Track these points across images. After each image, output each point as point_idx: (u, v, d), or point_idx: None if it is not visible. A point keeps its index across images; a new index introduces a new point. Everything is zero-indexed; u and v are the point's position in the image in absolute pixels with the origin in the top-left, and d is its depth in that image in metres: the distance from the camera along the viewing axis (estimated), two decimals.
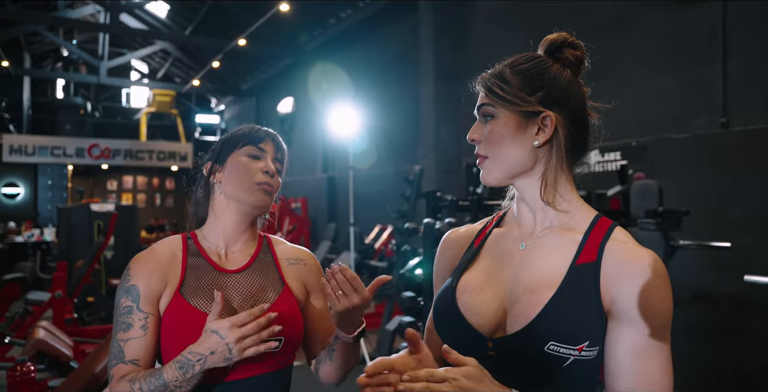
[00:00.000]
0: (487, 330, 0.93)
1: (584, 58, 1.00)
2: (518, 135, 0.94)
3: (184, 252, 1.19)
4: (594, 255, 0.90)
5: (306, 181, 10.44)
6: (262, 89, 13.13)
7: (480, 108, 0.99)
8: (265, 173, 1.20)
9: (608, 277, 0.88)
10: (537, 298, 0.89)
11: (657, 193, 3.32)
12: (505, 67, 0.98)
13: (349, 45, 8.97)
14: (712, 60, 3.96)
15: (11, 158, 11.89)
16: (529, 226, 0.99)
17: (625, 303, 0.85)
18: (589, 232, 0.93)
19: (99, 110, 15.88)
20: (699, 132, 4.02)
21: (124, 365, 1.08)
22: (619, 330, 0.86)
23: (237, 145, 1.22)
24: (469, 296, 0.97)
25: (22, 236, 9.85)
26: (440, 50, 6.40)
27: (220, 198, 1.22)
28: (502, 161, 0.96)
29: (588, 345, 0.85)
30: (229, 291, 1.16)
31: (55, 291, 4.48)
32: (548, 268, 0.92)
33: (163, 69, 15.77)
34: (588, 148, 1.00)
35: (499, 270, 0.98)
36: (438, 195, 2.81)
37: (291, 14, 8.12)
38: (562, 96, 0.95)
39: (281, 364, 1.18)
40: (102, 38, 12.86)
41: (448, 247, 1.11)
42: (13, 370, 2.74)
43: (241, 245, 1.24)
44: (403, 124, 7.44)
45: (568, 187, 0.97)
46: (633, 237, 0.93)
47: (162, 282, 1.14)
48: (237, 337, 0.99)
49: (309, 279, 1.28)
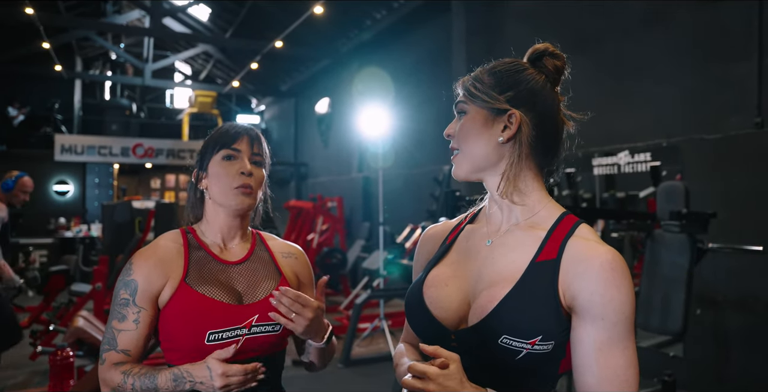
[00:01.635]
0: (450, 323, 0.98)
1: (563, 69, 1.04)
2: (485, 130, 0.99)
3: (185, 246, 1.27)
4: (555, 252, 0.93)
5: (342, 180, 10.55)
6: (301, 90, 13.33)
7: (456, 105, 1.05)
8: (241, 174, 1.26)
9: (567, 274, 0.90)
10: (495, 293, 0.93)
11: (683, 195, 3.26)
12: (484, 70, 1.05)
13: (384, 46, 9.04)
14: (747, 57, 3.86)
15: (62, 157, 12.41)
16: (496, 223, 1.03)
17: (585, 300, 0.88)
18: (552, 230, 0.96)
19: (144, 111, 16.39)
20: (732, 132, 3.93)
21: (116, 353, 1.17)
22: (582, 328, 0.88)
23: (213, 150, 1.28)
24: (435, 290, 1.01)
25: (71, 231, 10.28)
26: (472, 50, 6.40)
27: (210, 203, 1.30)
28: (470, 155, 1.01)
29: (541, 340, 0.88)
30: (233, 279, 1.25)
31: (95, 283, 4.70)
32: (509, 264, 0.96)
33: (205, 70, 16.18)
34: (558, 151, 1.03)
35: (465, 265, 1.03)
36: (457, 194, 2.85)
37: (327, 16, 8.24)
38: (530, 97, 0.99)
39: (277, 347, 1.27)
40: (147, 42, 13.30)
41: (426, 243, 1.17)
42: (54, 355, 2.92)
43: (238, 240, 1.32)
44: (434, 124, 7.46)
45: (532, 185, 1.00)
46: (598, 235, 0.96)
47: (163, 276, 1.20)
48: (222, 384, 1.08)
49: (300, 271, 1.38)
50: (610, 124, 4.65)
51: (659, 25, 4.52)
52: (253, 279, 1.27)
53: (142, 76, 13.11)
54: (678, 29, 4.37)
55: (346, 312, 6.41)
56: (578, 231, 0.95)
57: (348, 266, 7.65)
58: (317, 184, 12.07)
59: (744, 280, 3.77)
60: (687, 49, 4.29)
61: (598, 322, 0.87)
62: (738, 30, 3.93)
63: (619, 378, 0.86)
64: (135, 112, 15.74)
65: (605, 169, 4.89)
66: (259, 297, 1.24)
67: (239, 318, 1.19)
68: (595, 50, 4.98)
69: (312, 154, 12.85)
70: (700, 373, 3.94)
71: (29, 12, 8.02)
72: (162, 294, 1.20)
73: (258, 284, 1.26)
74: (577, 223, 0.96)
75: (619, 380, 0.86)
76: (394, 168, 8.25)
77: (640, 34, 4.69)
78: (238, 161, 1.26)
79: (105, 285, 4.73)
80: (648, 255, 3.33)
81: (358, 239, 8.55)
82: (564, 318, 0.90)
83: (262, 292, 1.25)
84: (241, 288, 1.24)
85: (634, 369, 0.87)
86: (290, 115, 14.13)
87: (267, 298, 1.22)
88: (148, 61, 13.22)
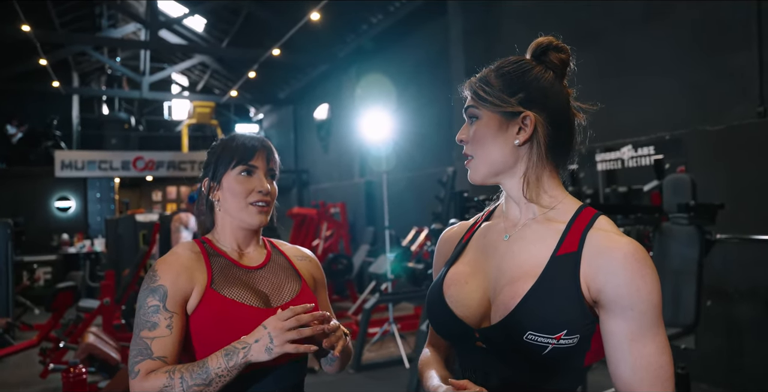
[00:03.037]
0: (472, 321, 0.98)
1: (569, 61, 1.03)
2: (500, 134, 0.99)
3: (204, 254, 1.26)
4: (575, 245, 0.93)
5: (344, 186, 10.55)
6: (299, 97, 13.34)
7: (466, 110, 1.04)
8: (258, 192, 1.26)
9: (590, 267, 0.90)
10: (517, 289, 0.93)
11: (690, 187, 3.26)
12: (490, 71, 1.04)
13: (382, 50, 9.05)
14: (747, 47, 3.85)
15: (63, 173, 12.40)
16: (514, 218, 1.03)
17: (612, 292, 0.88)
18: (571, 222, 0.96)
19: (142, 124, 16.42)
20: (735, 122, 3.92)
21: (152, 361, 1.12)
22: (612, 320, 0.89)
23: (229, 164, 1.27)
24: (455, 289, 1.01)
25: (75, 247, 10.27)
26: (470, 51, 6.40)
27: (222, 214, 1.30)
28: (486, 160, 1.00)
29: (566, 334, 0.88)
30: (258, 283, 1.26)
31: (103, 298, 4.68)
32: (530, 259, 0.95)
33: (203, 81, 16.21)
34: (572, 146, 1.03)
35: (483, 262, 1.03)
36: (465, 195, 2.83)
37: (323, 22, 8.25)
38: (542, 97, 0.98)
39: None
40: (143, 54, 13.32)
41: (444, 245, 1.17)
42: (67, 372, 2.90)
43: (254, 247, 1.33)
44: (436, 126, 7.47)
45: (551, 184, 1.00)
46: (617, 227, 0.95)
47: (190, 282, 1.19)
48: (278, 327, 1.07)
49: (315, 273, 1.39)
50: (612, 119, 4.65)
51: (658, 18, 4.52)
52: (277, 282, 1.28)
53: (139, 89, 13.14)
54: (677, 22, 4.36)
55: (354, 318, 6.38)
56: (597, 223, 0.95)
57: (354, 271, 7.63)
58: (319, 190, 12.07)
59: (753, 271, 3.76)
60: (687, 42, 4.29)
61: (627, 313, 0.87)
62: (737, 20, 3.93)
63: (653, 365, 0.87)
64: (134, 125, 15.76)
65: (609, 165, 4.88)
66: (285, 299, 1.25)
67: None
68: (594, 46, 4.98)
69: (312, 160, 12.86)
70: (713, 365, 3.92)
71: (26, 29, 8.04)
72: (190, 301, 1.19)
73: (282, 287, 1.28)
74: (596, 215, 0.96)
75: (653, 367, 0.86)
76: (397, 171, 8.24)
77: (639, 28, 4.69)
78: (255, 178, 1.27)
79: (113, 300, 4.72)
80: (656, 248, 3.32)
81: (362, 244, 8.54)
82: (587, 311, 0.90)
83: (288, 294, 1.26)
84: (267, 292, 1.25)
85: (668, 355, 0.88)
86: (289, 123, 14.14)
87: (291, 301, 1.23)
88: (145, 73, 13.25)
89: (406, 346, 5.18)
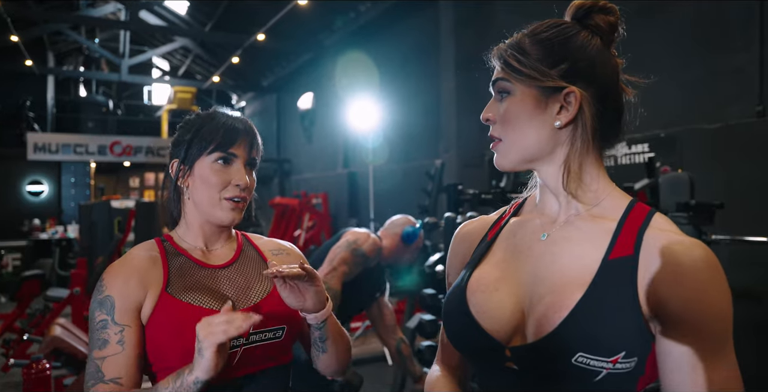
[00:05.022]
0: (503, 336, 0.81)
1: (618, 25, 0.87)
2: (537, 114, 0.82)
3: (162, 255, 1.10)
4: (630, 247, 0.76)
5: (327, 176, 10.37)
6: (283, 85, 13.08)
7: (495, 83, 0.86)
8: (236, 186, 1.09)
9: (650, 274, 0.74)
10: (562, 300, 0.76)
11: (688, 186, 3.17)
12: (524, 37, 0.86)
13: (369, 38, 8.86)
14: (747, 45, 3.77)
15: (35, 156, 12.03)
16: (552, 213, 0.86)
17: (677, 308, 0.72)
18: (623, 220, 0.79)
19: (121, 108, 16.02)
20: (732, 121, 3.85)
21: (104, 384, 0.97)
22: (674, 340, 0.73)
23: (205, 148, 1.09)
24: (482, 295, 0.84)
25: (47, 233, 9.96)
26: (461, 40, 6.25)
27: (190, 204, 1.12)
28: (518, 144, 0.84)
29: (624, 357, 0.72)
30: (221, 284, 1.09)
31: (74, 288, 4.47)
32: (575, 263, 0.79)
33: (184, 66, 15.84)
34: (621, 129, 0.87)
35: (515, 264, 0.86)
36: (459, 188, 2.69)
37: (310, 8, 8.03)
38: (589, 68, 0.82)
39: (284, 356, 1.11)
40: (123, 36, 12.93)
41: (461, 242, 0.99)
42: (29, 368, 2.71)
43: (222, 242, 1.16)
44: (424, 117, 7.32)
45: (594, 173, 0.84)
46: (676, 226, 0.79)
47: (142, 287, 1.03)
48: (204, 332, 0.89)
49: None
50: None
51: (657, 12, 4.41)
52: (244, 282, 1.11)
53: (118, 72, 12.75)
54: (677, 18, 4.27)
55: None
56: (654, 222, 0.79)
57: None
58: (301, 180, 11.88)
59: (748, 271, 3.69)
60: (686, 39, 4.20)
61: (695, 332, 0.72)
62: (738, 17, 3.84)
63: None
64: (112, 109, 15.36)
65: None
66: (254, 300, 1.08)
67: None
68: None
69: (295, 150, 12.64)
70: None
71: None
72: (143, 309, 1.03)
73: (250, 287, 1.11)
74: (651, 212, 0.81)
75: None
76: (383, 162, 8.09)
77: (637, 23, 4.58)
78: (233, 168, 1.10)
79: (84, 290, 4.50)
80: None
81: None
82: (645, 328, 0.74)
83: (256, 295, 1.09)
84: (231, 293, 1.08)
85: (740, 384, 0.74)
86: (272, 111, 13.88)
87: (262, 302, 1.07)
88: (124, 56, 12.87)
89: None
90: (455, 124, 6.22)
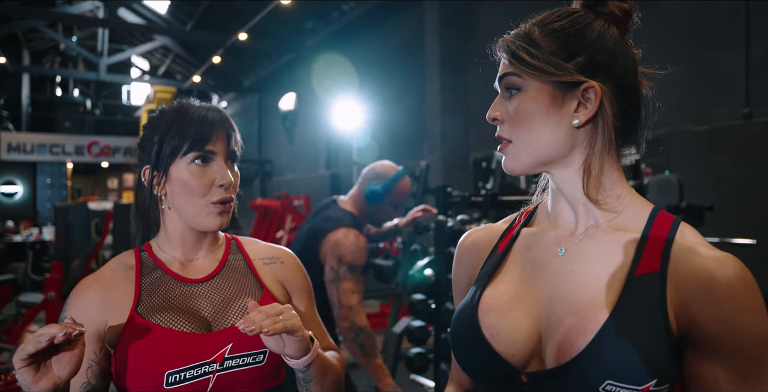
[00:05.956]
0: (518, 360, 0.74)
1: (633, 12, 0.79)
2: (552, 112, 0.74)
3: (137, 268, 1.00)
4: (657, 262, 0.69)
5: (309, 178, 10.27)
6: (265, 85, 12.95)
7: (502, 79, 0.78)
8: (220, 187, 0.98)
9: (680, 292, 0.67)
10: (586, 322, 0.69)
11: (677, 188, 3.14)
12: (533, 27, 0.78)
13: (353, 38, 8.78)
14: (733, 46, 3.77)
15: (9, 156, 11.75)
16: (568, 225, 0.79)
17: (710, 329, 0.66)
18: (647, 232, 0.72)
19: (99, 107, 15.75)
20: (719, 123, 3.84)
21: None
22: (706, 364, 0.67)
23: (179, 149, 0.97)
24: (496, 317, 0.76)
25: (21, 235, 9.70)
26: (446, 40, 6.20)
27: (170, 212, 1.01)
28: (531, 145, 0.76)
29: (656, 384, 0.65)
30: (198, 301, 0.98)
31: (48, 293, 4.32)
32: (598, 281, 0.72)
33: (164, 65, 15.61)
34: (641, 125, 0.79)
35: (531, 282, 0.78)
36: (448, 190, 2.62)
37: (293, 8, 7.93)
38: (607, 61, 0.74)
39: (270, 381, 1.00)
40: (101, 34, 12.69)
41: (465, 253, 0.91)
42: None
43: (205, 251, 1.05)
44: (408, 118, 7.26)
45: (615, 177, 0.76)
46: (703, 237, 0.73)
47: (105, 307, 0.94)
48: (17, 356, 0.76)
49: (288, 278, 1.10)
50: None
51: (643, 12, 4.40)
52: (225, 297, 0.99)
53: (96, 71, 12.50)
54: (662, 17, 4.26)
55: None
56: (681, 233, 0.72)
57: None
58: (282, 181, 11.75)
59: None
60: (673, 40, 4.19)
61: (729, 356, 0.65)
62: (724, 18, 3.84)
63: None
64: (89, 109, 15.08)
65: None
66: (233, 320, 0.97)
67: (207, 350, 0.93)
68: None
69: (277, 151, 12.51)
70: None
71: None
72: (110, 332, 0.93)
73: (230, 304, 0.99)
74: (676, 222, 0.73)
75: None
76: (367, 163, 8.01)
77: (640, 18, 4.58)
78: (213, 167, 0.98)
79: (59, 295, 4.35)
80: None
81: None
82: (674, 350, 0.68)
83: (236, 314, 0.98)
84: (208, 312, 0.97)
85: None
86: (253, 111, 13.73)
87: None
88: (102, 55, 12.63)
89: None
90: (440, 124, 6.17)
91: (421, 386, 2.87)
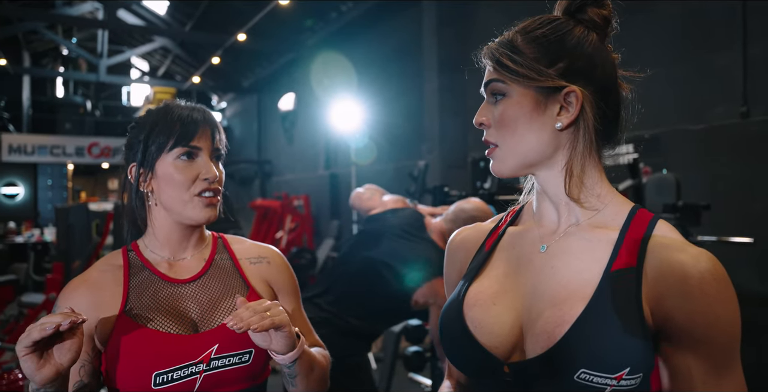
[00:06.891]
0: (501, 352, 0.77)
1: (612, 18, 0.85)
2: (536, 116, 0.78)
3: (125, 268, 1.02)
4: (634, 258, 0.73)
5: (308, 178, 10.29)
6: (264, 85, 12.97)
7: (487, 85, 0.82)
8: (204, 180, 1.01)
9: (655, 286, 0.71)
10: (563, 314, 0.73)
11: (675, 187, 3.17)
12: (516, 34, 0.81)
13: (351, 39, 8.81)
14: (731, 45, 3.78)
15: (10, 158, 11.78)
16: (551, 224, 0.83)
17: (683, 321, 0.70)
18: (625, 229, 0.76)
19: (99, 109, 15.76)
20: (716, 122, 3.86)
21: None
22: (680, 356, 0.71)
23: (164, 145, 1.01)
24: (480, 311, 0.80)
25: (23, 236, 9.74)
26: (444, 41, 6.22)
27: (157, 209, 1.04)
28: (517, 149, 0.79)
29: (629, 373, 0.69)
30: (185, 302, 1.00)
31: (49, 293, 4.35)
32: (576, 275, 0.76)
33: (164, 66, 15.63)
34: (621, 127, 0.83)
35: (514, 278, 0.82)
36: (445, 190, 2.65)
37: (291, 9, 7.96)
38: (588, 66, 0.78)
39: (255, 379, 1.02)
40: (101, 35, 12.71)
41: (456, 251, 0.95)
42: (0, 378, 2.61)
43: (192, 250, 1.07)
44: (406, 118, 7.28)
45: (596, 177, 0.80)
46: (680, 234, 0.76)
47: (94, 308, 0.96)
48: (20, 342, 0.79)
49: (275, 278, 1.13)
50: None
51: (641, 14, 4.42)
52: (211, 298, 1.02)
53: (96, 73, 12.52)
54: (660, 16, 4.28)
55: None
56: (658, 230, 0.76)
57: (318, 266, 7.40)
58: (282, 182, 11.77)
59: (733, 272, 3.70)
60: (670, 39, 4.20)
61: (702, 347, 0.70)
62: (722, 17, 3.86)
63: None
64: (90, 110, 15.09)
65: None
66: (219, 320, 1.00)
67: (193, 351, 0.95)
68: None
69: (276, 151, 12.53)
70: None
71: None
72: (98, 333, 0.95)
73: (217, 304, 1.02)
74: (654, 219, 0.77)
75: None
76: (365, 164, 8.04)
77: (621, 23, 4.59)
78: (198, 162, 1.02)
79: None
80: None
81: (326, 238, 8.31)
82: (650, 342, 0.71)
83: (223, 314, 1.01)
84: (195, 313, 1.00)
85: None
86: (253, 112, 13.75)
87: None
88: (102, 56, 12.65)
89: (373, 345, 5.00)
90: (438, 124, 6.19)
91: (419, 384, 2.89)
